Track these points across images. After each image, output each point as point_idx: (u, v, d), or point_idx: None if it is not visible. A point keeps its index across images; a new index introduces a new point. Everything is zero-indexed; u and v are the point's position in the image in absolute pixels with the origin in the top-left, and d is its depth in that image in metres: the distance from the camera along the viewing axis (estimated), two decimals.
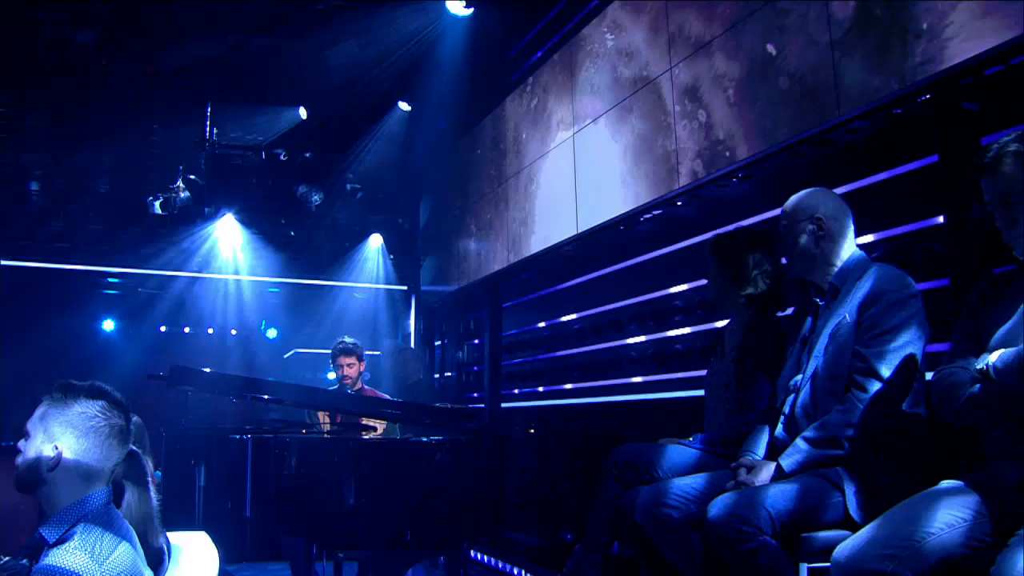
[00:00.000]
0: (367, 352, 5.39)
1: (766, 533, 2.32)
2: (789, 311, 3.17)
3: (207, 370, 4.15)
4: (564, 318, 5.68)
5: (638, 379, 4.95)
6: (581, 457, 5.16)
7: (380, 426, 4.65)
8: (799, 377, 2.68)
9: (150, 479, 2.55)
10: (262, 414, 6.90)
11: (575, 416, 5.46)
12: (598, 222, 4.62)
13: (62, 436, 2.06)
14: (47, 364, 7.68)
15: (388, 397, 5.16)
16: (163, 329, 8.51)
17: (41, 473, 2.06)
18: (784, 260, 2.95)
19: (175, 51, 6.10)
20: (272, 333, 8.57)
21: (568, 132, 4.99)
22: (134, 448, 2.36)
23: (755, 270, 3.11)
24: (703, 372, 4.47)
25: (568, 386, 5.61)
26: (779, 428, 2.70)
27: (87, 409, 2.12)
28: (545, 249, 5.14)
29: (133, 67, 6.29)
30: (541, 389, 5.95)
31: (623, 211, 4.41)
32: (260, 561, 5.16)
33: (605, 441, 4.97)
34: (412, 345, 7.34)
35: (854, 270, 2.64)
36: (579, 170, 4.84)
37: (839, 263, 2.68)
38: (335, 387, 5.12)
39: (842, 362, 2.53)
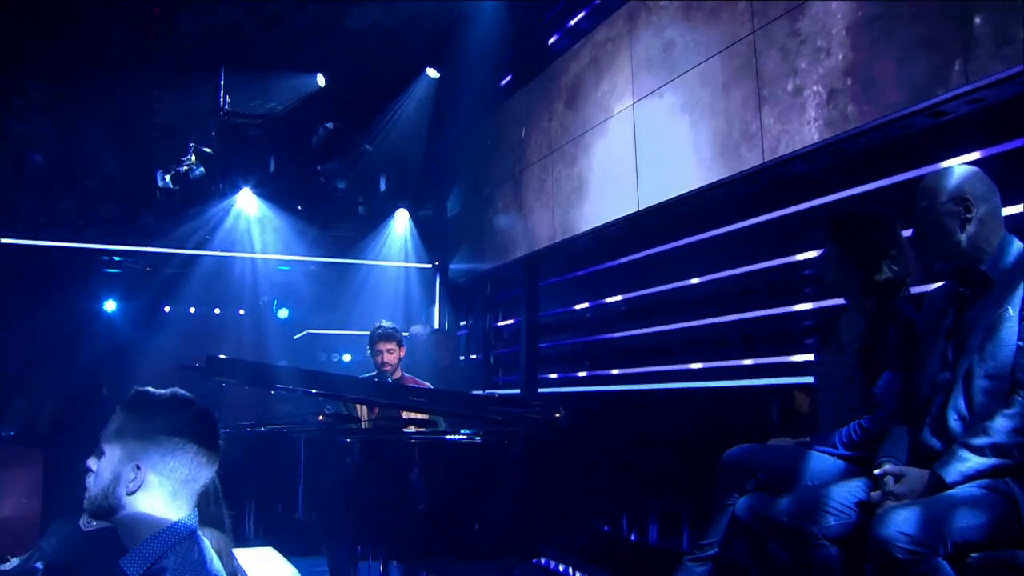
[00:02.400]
0: None
1: (941, 554, 2.08)
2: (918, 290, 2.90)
3: (219, 357, 3.78)
4: (610, 299, 5.39)
5: (696, 366, 4.69)
6: (623, 447, 4.89)
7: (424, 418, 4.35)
8: (946, 375, 2.42)
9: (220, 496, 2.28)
10: (275, 405, 6.56)
11: (615, 402, 5.20)
12: (663, 198, 4.30)
13: (144, 454, 1.77)
14: (46, 348, 7.28)
15: (428, 385, 4.85)
16: (167, 309, 8.09)
17: (120, 497, 1.76)
18: (915, 243, 2.68)
19: (185, 14, 5.64)
20: (283, 313, 8.17)
21: (627, 101, 4.65)
22: None
23: (882, 253, 2.82)
24: (772, 359, 4.28)
25: (613, 371, 5.34)
26: (925, 431, 2.45)
27: (172, 422, 1.82)
28: (602, 225, 4.80)
29: (139, 31, 5.81)
30: (582, 374, 5.67)
31: (696, 186, 4.09)
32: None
33: (651, 431, 4.75)
34: (436, 326, 7.03)
35: (1009, 258, 2.38)
36: (640, 142, 4.51)
37: (989, 249, 2.41)
38: (372, 374, 4.80)
39: (1003, 360, 2.29)
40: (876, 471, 2.47)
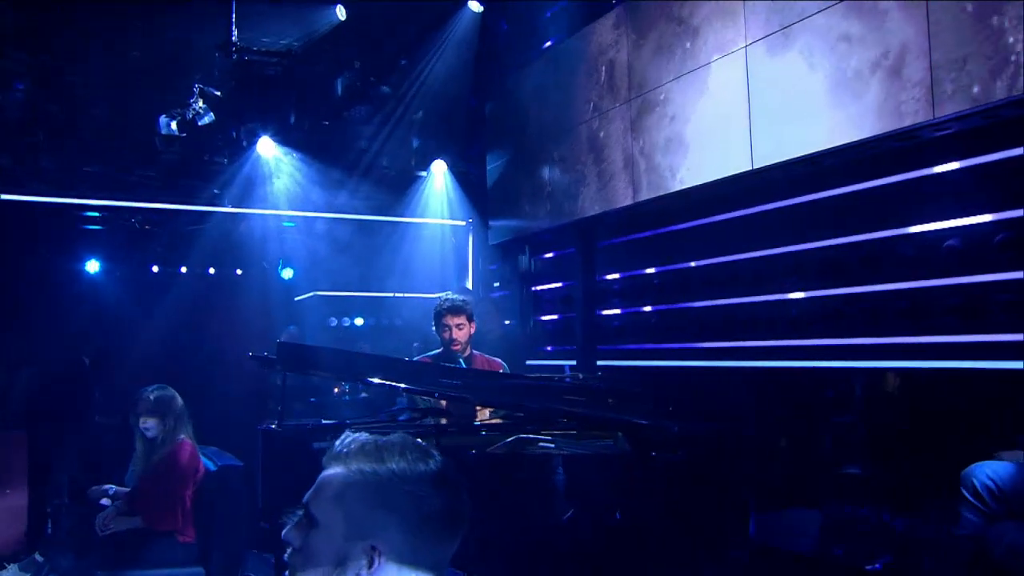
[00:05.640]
0: (420, 297, 4.33)
1: None
2: None
3: (293, 345, 3.21)
4: (691, 263, 4.89)
5: (798, 342, 4.27)
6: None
7: (487, 411, 3.83)
8: None
9: None
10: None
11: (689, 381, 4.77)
12: (788, 156, 3.78)
13: (381, 530, 1.27)
14: (20, 314, 6.47)
15: (504, 364, 4.31)
16: (155, 269, 7.29)
17: None
18: None
19: None
20: (288, 273, 7.44)
21: (737, 43, 4.06)
22: None
23: None
24: (896, 339, 3.86)
25: (690, 345, 4.88)
26: None
27: (416, 486, 1.29)
28: (706, 184, 4.24)
29: None
30: (649, 346, 5.19)
31: (825, 146, 3.59)
32: None
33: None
34: (471, 289, 6.45)
35: None
36: (754, 91, 3.95)
37: None
38: (438, 351, 4.23)
39: None
40: None
